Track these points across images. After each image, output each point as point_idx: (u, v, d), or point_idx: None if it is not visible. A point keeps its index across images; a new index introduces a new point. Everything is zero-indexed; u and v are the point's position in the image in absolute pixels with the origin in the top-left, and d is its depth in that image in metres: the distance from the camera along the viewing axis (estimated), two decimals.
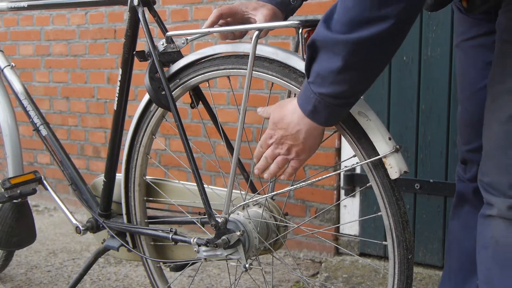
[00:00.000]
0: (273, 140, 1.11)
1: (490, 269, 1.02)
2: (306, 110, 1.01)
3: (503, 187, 1.00)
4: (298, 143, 1.07)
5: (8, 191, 1.65)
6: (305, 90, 1.00)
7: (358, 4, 0.88)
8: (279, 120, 1.08)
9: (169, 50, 1.37)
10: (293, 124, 1.05)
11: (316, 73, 0.97)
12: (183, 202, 1.49)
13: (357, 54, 0.91)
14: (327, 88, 0.96)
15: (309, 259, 2.31)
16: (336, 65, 0.92)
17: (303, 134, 1.05)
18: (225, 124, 2.43)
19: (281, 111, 1.08)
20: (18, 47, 3.14)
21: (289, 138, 1.07)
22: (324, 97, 0.97)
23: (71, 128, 3.00)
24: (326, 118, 1.01)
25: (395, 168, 1.07)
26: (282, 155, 1.11)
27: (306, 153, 1.10)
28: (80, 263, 2.28)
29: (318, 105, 0.99)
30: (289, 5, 1.30)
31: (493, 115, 1.01)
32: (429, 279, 2.02)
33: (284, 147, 1.10)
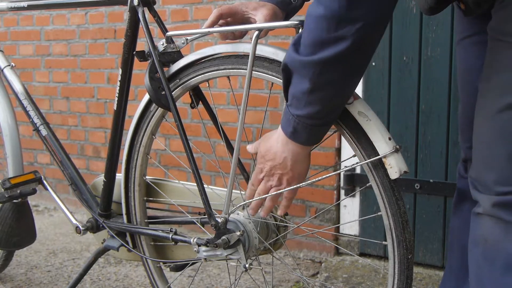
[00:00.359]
0: (264, 173, 1.13)
1: (480, 266, 1.03)
2: (287, 132, 1.04)
3: (489, 183, 1.00)
4: (287, 171, 1.10)
5: (8, 191, 1.65)
6: (285, 112, 1.04)
7: (317, 26, 0.91)
8: (266, 152, 1.11)
9: (169, 50, 1.37)
10: (279, 152, 1.08)
11: (292, 96, 1.00)
12: (183, 202, 1.49)
13: (322, 75, 0.94)
14: (302, 109, 0.99)
15: (309, 259, 2.31)
16: (305, 87, 0.96)
17: (290, 161, 1.08)
18: (225, 124, 2.43)
19: (266, 143, 1.11)
20: (18, 47, 3.14)
21: (278, 167, 1.10)
22: (302, 119, 1.00)
23: (71, 128, 3.00)
24: (306, 138, 1.04)
25: (395, 168, 1.07)
26: (274, 186, 1.14)
27: (296, 180, 1.12)
28: (80, 263, 2.28)
29: (297, 127, 1.02)
30: (290, 4, 1.30)
31: (481, 111, 1.02)
32: (429, 279, 2.02)
33: (275, 178, 1.12)
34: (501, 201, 0.98)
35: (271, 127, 2.34)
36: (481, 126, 1.02)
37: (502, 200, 0.98)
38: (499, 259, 0.99)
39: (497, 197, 0.99)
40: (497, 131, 0.99)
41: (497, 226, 1.00)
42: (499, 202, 0.99)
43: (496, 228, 1.00)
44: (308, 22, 0.94)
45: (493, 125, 0.99)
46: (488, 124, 1.00)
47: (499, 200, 0.98)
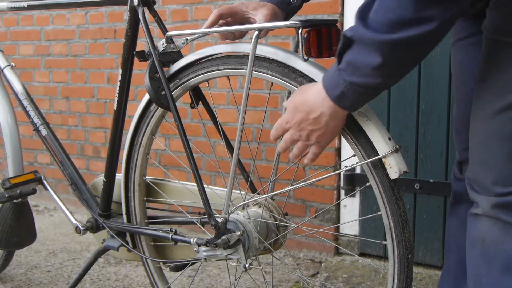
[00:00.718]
0: (290, 125, 1.09)
1: (478, 267, 1.03)
2: (333, 94, 1.00)
3: (487, 184, 1.00)
4: (320, 127, 1.05)
5: (8, 191, 1.65)
6: (333, 75, 0.99)
7: (401, 5, 0.87)
8: (300, 103, 1.05)
9: (169, 50, 1.37)
10: (317, 105, 1.03)
11: (348, 62, 0.95)
12: (183, 202, 1.49)
13: (397, 54, 0.91)
14: (358, 78, 0.95)
15: (309, 259, 2.31)
16: (374, 62, 0.91)
17: (326, 117, 1.03)
18: (225, 124, 2.43)
19: (303, 95, 1.06)
20: (18, 47, 3.14)
21: (310, 122, 1.05)
22: (354, 85, 0.96)
23: (71, 128, 3.00)
24: (352, 103, 1.00)
25: (395, 168, 1.07)
26: (301, 141, 1.10)
27: (327, 137, 1.08)
28: (80, 263, 2.28)
29: (346, 92, 0.97)
30: (290, 4, 1.30)
31: (477, 112, 1.02)
32: (429, 279, 2.02)
33: (304, 133, 1.08)
34: (500, 202, 0.98)
35: (271, 127, 2.33)
36: (478, 127, 1.02)
37: (502, 201, 0.98)
38: (498, 260, 0.99)
39: (497, 198, 0.99)
40: (495, 132, 0.99)
41: (496, 227, 1.00)
42: (498, 203, 0.99)
43: (495, 229, 1.00)
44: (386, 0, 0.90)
45: (491, 126, 0.99)
46: (485, 125, 1.00)
47: (499, 201, 0.99)
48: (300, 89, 1.09)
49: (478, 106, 1.03)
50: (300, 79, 1.16)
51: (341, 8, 2.15)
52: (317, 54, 1.12)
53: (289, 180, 2.23)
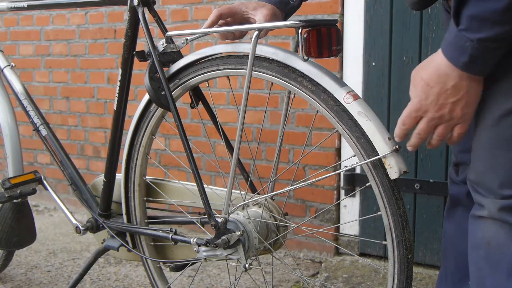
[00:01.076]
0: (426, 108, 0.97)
1: (482, 269, 1.02)
2: (460, 62, 0.90)
3: (493, 187, 1.00)
4: (461, 95, 0.94)
5: (8, 191, 1.65)
6: (455, 40, 0.89)
7: None
8: (431, 76, 0.94)
9: (169, 50, 1.37)
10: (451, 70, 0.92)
11: (471, 17, 0.86)
12: (183, 202, 1.49)
13: None
14: (487, 31, 0.86)
15: (309, 259, 2.31)
16: (500, 5, 0.83)
17: (465, 80, 0.92)
18: (225, 124, 2.43)
19: (430, 67, 0.95)
20: (18, 47, 3.14)
21: (449, 93, 0.93)
22: (483, 43, 0.87)
23: (71, 128, 3.00)
24: (484, 66, 0.90)
25: (395, 168, 1.07)
26: (443, 123, 0.97)
27: (471, 107, 0.96)
28: (80, 263, 2.28)
29: (475, 53, 0.88)
30: (288, 4, 1.30)
31: (482, 115, 1.01)
32: (429, 279, 2.02)
33: (445, 110, 0.95)
34: (508, 205, 0.98)
35: (271, 127, 2.34)
36: (482, 130, 1.01)
37: (509, 204, 0.97)
38: (504, 263, 0.99)
39: (504, 201, 0.98)
40: (502, 135, 0.98)
41: (502, 230, 0.99)
42: (506, 206, 0.98)
43: (501, 231, 0.99)
44: None
45: (497, 129, 0.98)
46: (491, 128, 0.99)
47: (506, 203, 0.98)
48: (420, 66, 0.98)
49: (482, 109, 1.02)
50: (300, 79, 1.16)
51: (341, 8, 2.15)
52: (317, 54, 1.12)
53: (289, 180, 2.23)
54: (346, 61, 2.17)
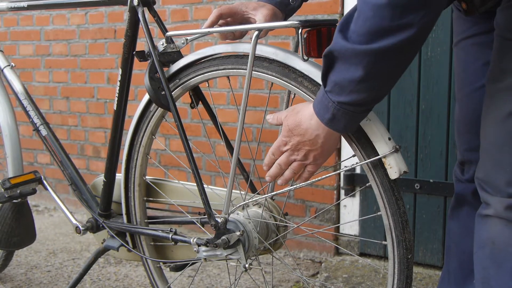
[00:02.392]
0: (288, 147, 1.09)
1: (487, 268, 1.02)
2: (325, 118, 1.01)
3: (500, 185, 1.00)
4: (316, 148, 1.06)
5: (8, 191, 1.65)
6: (322, 98, 0.99)
7: (379, 14, 0.87)
8: (295, 126, 1.06)
9: (169, 50, 1.37)
10: (312, 129, 1.04)
11: (334, 83, 0.96)
12: (183, 202, 1.49)
13: (379, 64, 0.90)
14: (346, 96, 0.95)
15: (309, 259, 2.31)
16: (356, 75, 0.92)
17: (321, 139, 1.04)
18: (225, 124, 2.43)
19: (296, 117, 1.07)
20: (18, 47, 3.14)
21: (306, 143, 1.06)
22: (343, 105, 0.97)
23: (71, 128, 3.00)
24: (345, 125, 1.01)
25: (395, 168, 1.07)
26: (298, 161, 1.11)
27: (324, 156, 1.09)
28: (80, 263, 2.28)
29: (337, 113, 0.98)
30: (289, 5, 1.30)
31: (490, 112, 1.01)
32: (429, 279, 2.02)
33: (301, 153, 1.09)
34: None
35: (270, 127, 2.34)
36: (491, 128, 1.01)
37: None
38: (509, 262, 0.99)
39: (510, 199, 0.98)
40: (510, 132, 0.98)
41: (507, 229, 0.99)
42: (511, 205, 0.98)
43: (506, 230, 0.99)
44: (364, 10, 0.89)
45: (505, 126, 0.98)
46: (499, 126, 0.99)
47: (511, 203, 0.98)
48: (293, 110, 1.09)
49: (490, 107, 1.02)
50: (300, 79, 1.16)
51: (341, 8, 2.15)
52: (317, 54, 1.12)
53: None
54: None
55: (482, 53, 1.19)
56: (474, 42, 1.23)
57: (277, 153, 1.13)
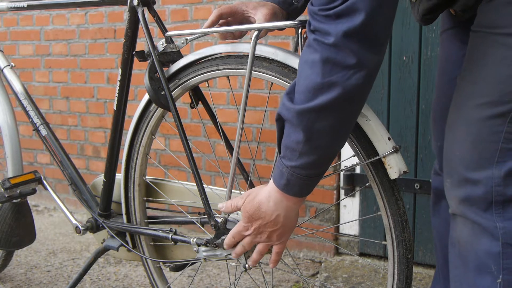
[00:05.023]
0: (250, 231, 1.11)
1: (458, 268, 1.03)
2: (280, 184, 1.02)
3: (453, 183, 1.01)
4: (278, 227, 1.08)
5: (8, 191, 1.65)
6: (278, 165, 1.01)
7: (314, 70, 0.88)
8: (254, 211, 1.08)
9: (169, 50, 1.37)
10: (270, 210, 1.06)
11: (285, 147, 0.98)
12: (183, 202, 1.49)
13: (317, 122, 0.92)
14: (296, 160, 0.97)
15: (309, 259, 2.31)
16: (300, 137, 0.94)
17: (282, 218, 1.06)
18: (224, 124, 2.43)
19: (254, 202, 1.08)
20: (18, 47, 3.14)
21: (268, 225, 1.08)
22: (296, 170, 0.98)
23: (71, 128, 3.00)
24: (299, 189, 1.02)
25: (395, 168, 1.07)
26: (263, 242, 1.12)
27: (287, 234, 1.10)
28: (80, 263, 2.28)
29: (291, 178, 1.00)
30: (292, 4, 1.30)
31: (456, 107, 1.02)
32: (429, 279, 2.02)
33: (264, 235, 1.10)
34: (465, 197, 0.98)
35: (270, 127, 2.34)
36: (455, 123, 1.02)
37: (466, 195, 0.98)
38: (471, 261, 1.00)
39: (462, 192, 0.99)
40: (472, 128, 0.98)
41: (465, 227, 1.01)
42: (464, 198, 0.99)
43: (464, 229, 1.01)
44: (303, 68, 0.92)
45: (468, 120, 0.98)
46: (463, 119, 1.00)
47: (464, 195, 0.99)
48: (249, 196, 1.10)
49: (456, 101, 1.02)
50: None
51: None
52: None
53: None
54: None
55: (463, 44, 1.19)
56: (454, 33, 1.23)
57: (237, 237, 1.15)
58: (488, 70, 0.95)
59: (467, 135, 0.98)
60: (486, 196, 0.97)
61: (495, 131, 0.95)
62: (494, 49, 0.94)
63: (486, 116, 0.95)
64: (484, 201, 0.97)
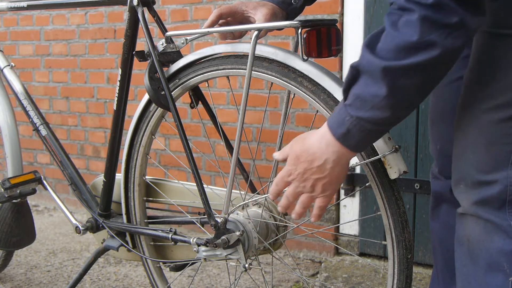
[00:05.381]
0: (293, 177, 1.05)
1: (466, 266, 1.03)
2: (338, 132, 0.96)
3: (467, 186, 1.00)
4: (325, 175, 1.02)
5: (8, 191, 1.65)
6: (339, 112, 0.96)
7: (409, 30, 0.85)
8: (302, 152, 1.02)
9: (169, 50, 1.37)
10: (320, 153, 0.99)
11: (356, 96, 0.93)
12: (183, 202, 1.49)
13: (406, 81, 0.88)
14: (366, 112, 0.92)
15: (309, 259, 2.31)
16: (382, 91, 0.89)
17: (330, 165, 1.00)
18: (224, 124, 2.43)
19: (304, 143, 1.02)
20: (18, 47, 3.14)
21: (314, 171, 1.02)
22: (361, 121, 0.93)
23: (71, 128, 3.00)
24: (357, 142, 0.96)
25: (395, 168, 1.07)
26: (306, 193, 1.06)
27: (333, 186, 1.04)
28: (80, 263, 2.28)
29: (352, 129, 0.94)
30: (291, 4, 1.30)
31: (466, 110, 1.02)
32: (429, 279, 2.02)
33: (308, 184, 1.04)
34: (479, 199, 0.98)
35: (270, 127, 2.34)
36: (466, 125, 1.01)
37: (480, 198, 0.98)
38: (482, 259, 1.00)
39: (476, 195, 0.99)
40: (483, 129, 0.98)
41: (477, 226, 1.00)
42: (477, 200, 0.99)
43: (476, 227, 1.01)
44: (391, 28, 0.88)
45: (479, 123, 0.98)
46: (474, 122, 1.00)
47: (478, 198, 0.99)
48: (299, 138, 1.05)
49: (466, 103, 1.02)
50: (300, 79, 1.16)
51: (341, 8, 2.15)
52: (316, 54, 1.12)
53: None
54: (346, 61, 2.17)
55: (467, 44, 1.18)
56: None
57: (280, 184, 1.09)
58: (502, 72, 0.95)
59: (480, 138, 0.97)
60: (500, 195, 0.96)
61: (508, 133, 0.94)
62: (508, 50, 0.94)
63: (499, 119, 0.95)
64: (498, 200, 0.96)
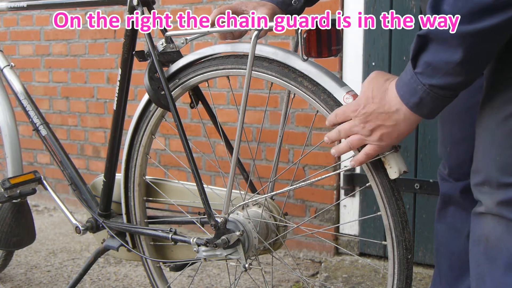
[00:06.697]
0: (357, 113, 1.00)
1: (481, 265, 1.03)
2: (410, 102, 0.94)
3: (491, 183, 1.00)
4: (389, 125, 0.97)
5: (8, 191, 1.65)
6: (409, 81, 0.93)
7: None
8: (377, 92, 0.98)
9: (169, 50, 1.37)
10: (395, 101, 0.95)
11: (427, 64, 0.90)
12: (183, 202, 1.49)
13: (480, 44, 0.86)
14: (439, 79, 0.89)
15: (309, 259, 2.31)
16: (456, 57, 0.86)
17: (401, 116, 0.96)
18: (224, 124, 2.43)
19: (383, 86, 0.98)
20: (18, 47, 3.14)
21: (381, 116, 0.97)
22: (434, 89, 0.90)
23: (71, 128, 3.00)
24: (431, 110, 0.94)
25: (395, 168, 1.07)
26: (360, 134, 1.01)
27: (391, 139, 1.00)
28: (80, 263, 2.28)
29: (425, 97, 0.92)
30: (290, 5, 1.30)
31: (489, 113, 1.01)
32: (429, 279, 2.02)
33: (368, 127, 0.99)
34: (504, 199, 0.98)
35: (270, 127, 2.34)
36: (489, 129, 1.01)
37: (506, 198, 0.98)
38: (501, 258, 0.99)
39: (500, 195, 0.98)
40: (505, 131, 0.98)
41: (498, 225, 1.00)
42: (503, 200, 0.98)
43: (497, 226, 1.00)
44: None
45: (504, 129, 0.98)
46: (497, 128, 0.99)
47: (503, 198, 0.98)
48: (375, 77, 1.01)
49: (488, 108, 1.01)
50: (300, 79, 1.16)
51: (341, 8, 2.15)
52: (316, 54, 1.12)
53: (289, 180, 2.23)
54: (346, 61, 2.17)
55: None
56: None
57: (340, 116, 1.03)
58: None
59: (509, 140, 0.97)
60: None
61: None
62: None
63: None
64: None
